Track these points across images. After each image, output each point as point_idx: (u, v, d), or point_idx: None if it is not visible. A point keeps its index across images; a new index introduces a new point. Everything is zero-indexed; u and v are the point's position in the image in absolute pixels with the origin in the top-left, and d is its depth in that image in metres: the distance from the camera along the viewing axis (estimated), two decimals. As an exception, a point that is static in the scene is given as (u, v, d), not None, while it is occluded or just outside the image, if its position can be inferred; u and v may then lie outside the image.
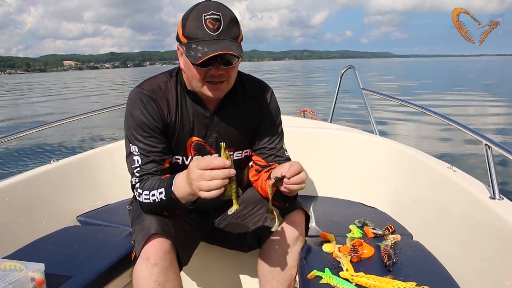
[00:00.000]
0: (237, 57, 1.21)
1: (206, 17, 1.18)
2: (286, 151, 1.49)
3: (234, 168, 1.07)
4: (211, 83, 1.26)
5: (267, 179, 1.32)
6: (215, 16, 1.19)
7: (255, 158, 1.48)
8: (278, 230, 1.39)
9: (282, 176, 1.17)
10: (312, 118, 3.42)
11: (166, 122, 1.34)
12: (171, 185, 1.18)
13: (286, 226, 1.40)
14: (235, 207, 1.13)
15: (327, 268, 1.29)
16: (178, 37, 1.27)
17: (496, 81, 27.29)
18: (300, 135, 2.20)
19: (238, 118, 1.41)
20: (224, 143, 1.11)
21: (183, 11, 1.37)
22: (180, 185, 1.16)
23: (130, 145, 1.32)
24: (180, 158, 1.40)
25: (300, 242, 1.42)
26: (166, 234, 1.24)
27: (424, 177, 1.79)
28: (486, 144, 1.43)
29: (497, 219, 1.24)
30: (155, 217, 1.28)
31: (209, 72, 1.24)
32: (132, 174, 1.31)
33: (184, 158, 1.40)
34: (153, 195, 1.23)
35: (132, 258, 1.28)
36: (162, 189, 1.21)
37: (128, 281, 1.57)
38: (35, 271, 1.23)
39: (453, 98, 15.61)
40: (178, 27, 1.26)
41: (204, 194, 1.06)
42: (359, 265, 1.33)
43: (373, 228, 1.63)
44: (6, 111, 17.51)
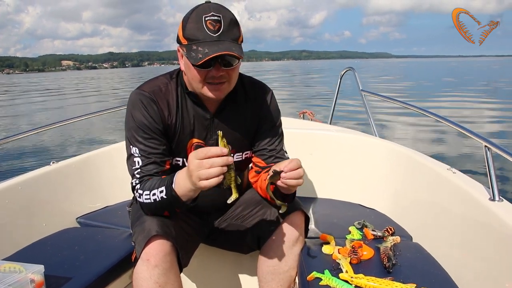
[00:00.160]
0: (238, 58, 1.21)
1: (206, 19, 1.19)
2: (286, 153, 1.49)
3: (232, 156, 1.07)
4: (212, 84, 1.26)
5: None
6: (216, 18, 1.19)
7: (255, 159, 1.48)
8: (278, 231, 1.40)
9: (280, 170, 1.17)
10: (311, 120, 3.41)
11: (166, 124, 1.34)
12: (172, 182, 1.19)
13: (285, 227, 1.40)
14: (234, 196, 1.13)
15: (326, 270, 1.29)
16: (178, 39, 1.27)
17: (496, 82, 27.30)
18: (300, 136, 2.20)
19: (239, 120, 1.42)
20: (221, 131, 1.11)
21: (181, 11, 1.38)
22: (181, 181, 1.16)
23: (131, 146, 1.32)
24: (181, 159, 1.40)
25: (299, 244, 1.42)
26: (167, 236, 1.24)
27: (424, 178, 1.79)
28: (485, 146, 1.43)
29: (497, 221, 1.24)
30: (156, 219, 1.27)
31: (209, 73, 1.24)
32: (133, 176, 1.31)
33: (185, 159, 1.39)
34: (154, 194, 1.23)
35: (132, 260, 1.28)
36: (163, 188, 1.21)
37: (127, 283, 1.57)
38: (35, 272, 1.23)
39: (453, 99, 15.60)
40: (178, 29, 1.26)
41: (204, 183, 1.06)
42: (359, 266, 1.33)
43: (372, 230, 1.62)
44: (5, 111, 17.46)
